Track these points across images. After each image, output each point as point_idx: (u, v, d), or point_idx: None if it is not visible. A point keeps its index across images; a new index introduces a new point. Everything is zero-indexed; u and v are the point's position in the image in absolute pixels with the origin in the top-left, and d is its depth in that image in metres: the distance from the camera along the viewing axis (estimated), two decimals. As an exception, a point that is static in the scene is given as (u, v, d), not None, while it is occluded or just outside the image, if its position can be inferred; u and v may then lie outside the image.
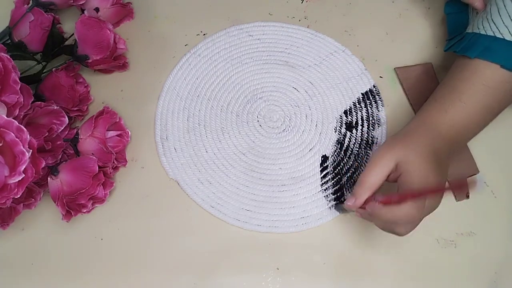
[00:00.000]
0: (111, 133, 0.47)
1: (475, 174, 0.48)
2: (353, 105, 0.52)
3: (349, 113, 0.51)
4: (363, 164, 0.49)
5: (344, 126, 0.51)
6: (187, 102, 0.51)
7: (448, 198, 0.48)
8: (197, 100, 0.51)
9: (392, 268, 0.45)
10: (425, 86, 0.51)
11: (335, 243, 0.46)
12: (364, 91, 0.52)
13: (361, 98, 0.52)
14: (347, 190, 0.48)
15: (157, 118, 0.51)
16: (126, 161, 0.48)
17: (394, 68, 0.53)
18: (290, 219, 0.47)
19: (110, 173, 0.46)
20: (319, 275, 0.45)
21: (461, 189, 0.48)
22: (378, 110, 0.51)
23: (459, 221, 0.47)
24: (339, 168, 0.49)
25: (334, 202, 0.47)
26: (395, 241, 0.46)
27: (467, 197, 0.48)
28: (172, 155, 0.49)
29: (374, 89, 0.52)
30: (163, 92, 0.52)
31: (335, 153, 0.49)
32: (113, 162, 0.46)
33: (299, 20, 0.55)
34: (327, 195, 0.48)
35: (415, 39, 0.54)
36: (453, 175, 0.48)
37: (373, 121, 0.51)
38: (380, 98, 0.52)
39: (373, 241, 0.46)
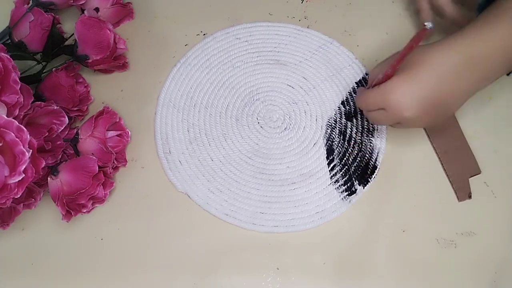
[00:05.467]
0: (111, 133, 0.47)
1: (477, 174, 0.48)
2: (349, 94, 0.52)
3: (347, 103, 0.51)
4: (368, 152, 0.49)
5: (343, 116, 0.51)
6: (185, 113, 0.51)
7: (448, 198, 0.48)
8: (194, 109, 0.51)
9: (392, 268, 0.45)
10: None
11: (335, 243, 0.46)
12: (358, 80, 0.52)
13: (355, 87, 0.52)
14: (356, 179, 0.48)
15: (157, 131, 0.50)
16: (126, 161, 0.48)
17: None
18: (306, 215, 0.47)
19: (110, 173, 0.46)
20: (319, 275, 0.45)
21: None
22: (374, 97, 0.51)
23: (459, 221, 0.47)
24: (345, 159, 0.49)
25: (346, 193, 0.47)
26: (395, 241, 0.46)
27: (469, 197, 0.48)
28: (178, 168, 0.48)
29: (367, 77, 0.52)
30: (159, 107, 0.51)
31: (339, 145, 0.49)
32: (113, 162, 0.46)
33: (299, 20, 0.55)
34: (338, 187, 0.48)
35: (415, 39, 0.54)
36: (455, 176, 0.48)
37: None
38: (374, 86, 0.52)
39: (373, 241, 0.46)
